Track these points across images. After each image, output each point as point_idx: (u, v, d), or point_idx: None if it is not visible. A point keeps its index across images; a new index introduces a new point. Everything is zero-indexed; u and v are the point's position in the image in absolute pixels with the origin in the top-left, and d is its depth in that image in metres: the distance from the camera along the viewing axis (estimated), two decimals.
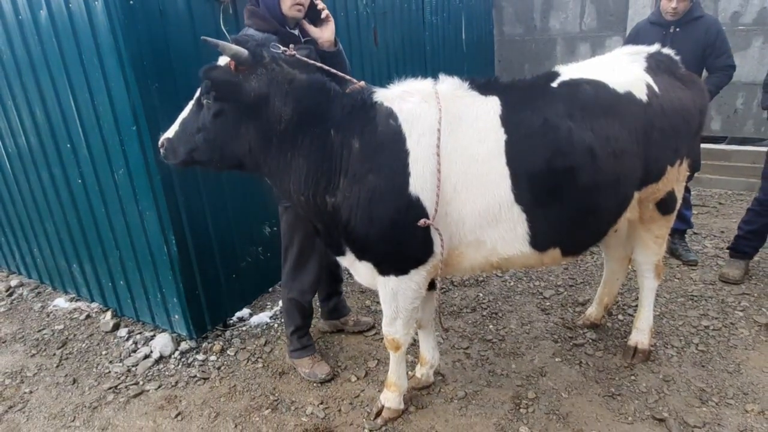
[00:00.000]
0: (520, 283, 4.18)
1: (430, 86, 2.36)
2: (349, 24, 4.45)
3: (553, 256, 2.54)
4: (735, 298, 3.78)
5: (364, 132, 2.25)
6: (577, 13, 7.03)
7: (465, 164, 2.25)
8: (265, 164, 2.35)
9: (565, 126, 2.30)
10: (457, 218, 2.32)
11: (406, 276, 2.42)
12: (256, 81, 2.17)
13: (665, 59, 2.73)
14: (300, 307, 3.14)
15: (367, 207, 2.24)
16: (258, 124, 2.23)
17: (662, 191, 2.71)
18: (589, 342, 3.39)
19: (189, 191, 3.25)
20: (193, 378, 3.28)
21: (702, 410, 2.78)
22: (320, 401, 3.01)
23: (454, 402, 2.94)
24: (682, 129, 2.60)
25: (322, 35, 2.76)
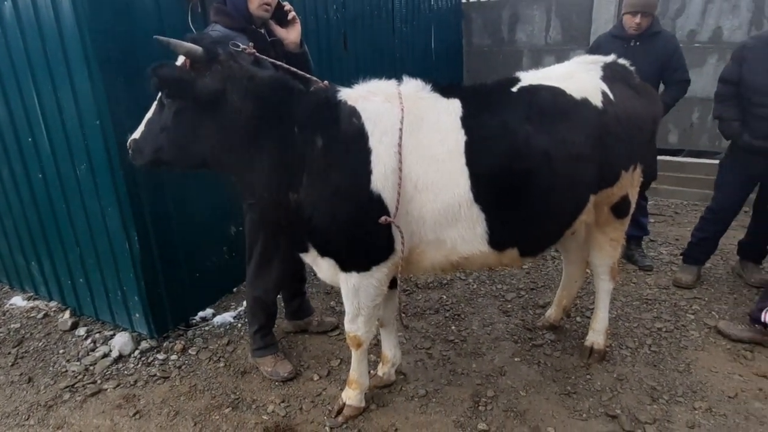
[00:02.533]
0: (483, 286, 4.26)
1: (393, 87, 2.42)
2: (319, 28, 4.50)
3: (512, 256, 2.61)
4: (687, 301, 3.93)
5: (328, 130, 2.28)
6: (542, 27, 7.25)
7: (426, 164, 2.31)
8: (228, 162, 2.36)
9: (523, 129, 2.38)
10: (418, 217, 2.37)
11: (368, 273, 2.46)
12: (210, 78, 2.18)
13: (620, 69, 2.85)
14: (264, 305, 3.14)
15: (329, 204, 2.27)
16: (218, 122, 2.25)
17: (617, 195, 2.82)
18: (547, 343, 3.48)
19: (153, 188, 3.22)
20: (152, 377, 3.23)
21: (653, 407, 2.88)
22: (282, 400, 3.01)
23: (415, 400, 2.98)
24: (635, 136, 2.72)
25: (288, 36, 2.80)
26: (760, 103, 3.56)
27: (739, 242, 4.24)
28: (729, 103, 3.75)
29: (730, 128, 3.74)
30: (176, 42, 2.16)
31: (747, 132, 3.65)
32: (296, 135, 2.29)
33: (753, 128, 3.62)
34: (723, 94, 3.79)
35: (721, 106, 3.81)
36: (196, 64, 2.19)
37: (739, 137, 3.69)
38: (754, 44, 3.61)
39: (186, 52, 2.17)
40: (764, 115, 3.54)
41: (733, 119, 3.72)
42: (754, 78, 3.55)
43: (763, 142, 3.57)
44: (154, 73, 2.16)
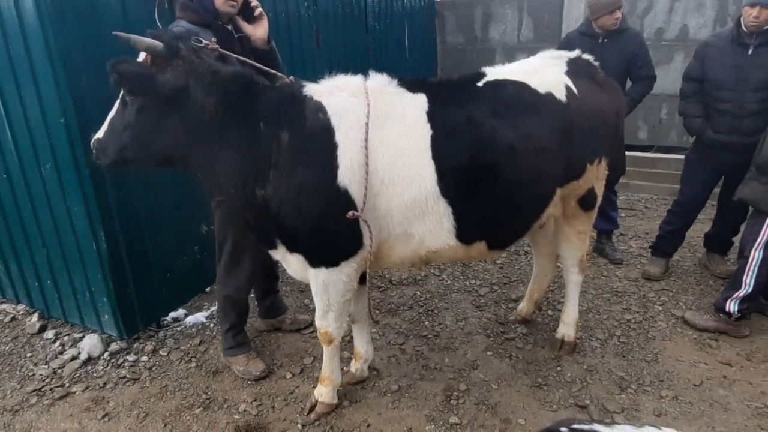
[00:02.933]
0: (456, 281, 4.29)
1: (359, 82, 2.42)
2: (290, 25, 4.48)
3: (480, 250, 2.64)
4: (655, 293, 4.02)
5: (294, 125, 2.28)
6: (515, 25, 7.33)
7: (392, 158, 2.32)
8: (194, 158, 2.34)
9: (489, 123, 2.40)
10: (386, 211, 2.38)
11: (337, 268, 2.46)
12: (172, 73, 2.15)
13: (585, 64, 2.91)
14: (235, 304, 3.11)
15: (297, 199, 2.27)
16: (181, 117, 2.22)
17: (583, 188, 2.87)
18: (519, 336, 3.52)
19: (120, 187, 3.17)
20: (122, 379, 3.18)
21: (621, 397, 2.94)
22: (254, 398, 2.99)
23: (388, 395, 2.99)
24: (599, 129, 2.77)
25: (255, 33, 2.78)
26: (722, 98, 3.66)
27: (706, 234, 4.34)
28: (692, 99, 3.85)
29: (694, 124, 3.84)
30: (136, 38, 2.13)
31: (710, 127, 3.75)
32: (262, 130, 2.28)
33: (716, 123, 3.72)
34: (686, 91, 3.89)
35: (685, 102, 3.90)
36: (157, 60, 2.17)
37: (703, 133, 3.79)
38: (715, 41, 3.71)
39: (146, 47, 2.15)
40: (726, 110, 3.64)
41: (696, 115, 3.82)
42: (716, 74, 3.64)
43: (726, 136, 3.67)
44: (113, 69, 2.13)
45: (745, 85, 3.54)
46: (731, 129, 3.63)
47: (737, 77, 3.55)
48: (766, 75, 3.46)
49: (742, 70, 3.53)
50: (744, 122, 3.55)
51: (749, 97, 3.53)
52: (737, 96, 3.57)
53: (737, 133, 3.60)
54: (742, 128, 3.56)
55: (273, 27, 4.26)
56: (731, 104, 3.60)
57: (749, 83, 3.52)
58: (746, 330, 3.42)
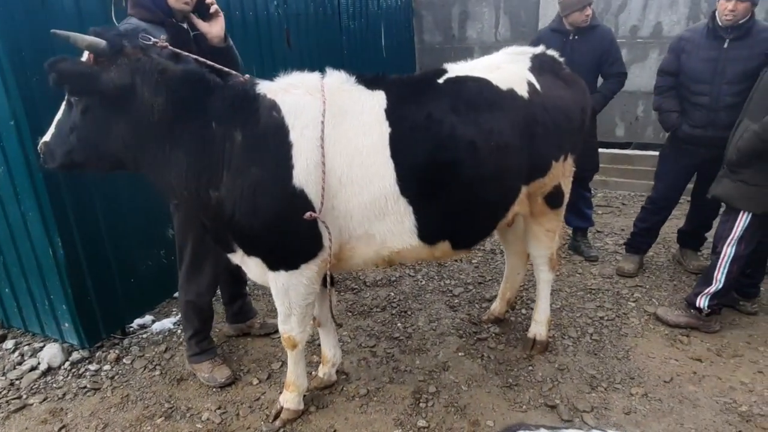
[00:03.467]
0: (431, 281, 4.24)
1: (316, 79, 2.36)
2: (259, 24, 4.39)
3: (444, 250, 2.59)
4: (629, 290, 4.00)
5: (247, 124, 2.21)
6: (492, 24, 7.31)
7: (350, 157, 2.26)
8: (144, 160, 2.26)
9: (449, 120, 2.35)
10: (345, 211, 2.32)
11: (297, 271, 2.40)
12: (116, 72, 2.08)
13: (549, 60, 2.87)
14: (198, 309, 3.03)
15: (251, 200, 2.20)
16: (129, 118, 2.15)
17: (549, 185, 2.83)
18: (492, 336, 3.48)
19: (77, 190, 3.07)
20: (82, 389, 3.08)
21: (591, 396, 2.91)
22: (218, 406, 2.91)
23: (356, 400, 2.92)
24: (564, 125, 2.73)
25: (210, 30, 2.71)
26: (698, 91, 3.65)
27: (679, 230, 4.34)
28: (668, 94, 3.84)
29: (670, 119, 3.83)
30: (76, 35, 2.06)
31: (686, 122, 3.75)
32: (214, 130, 2.21)
33: (692, 117, 3.71)
34: (662, 86, 3.88)
35: (660, 97, 3.89)
36: (100, 58, 2.09)
37: (679, 128, 3.78)
38: (691, 36, 3.71)
39: (87, 45, 2.07)
40: (703, 104, 3.64)
41: (672, 110, 3.81)
42: (692, 67, 3.64)
43: (702, 131, 3.66)
44: (52, 67, 2.04)
45: (721, 79, 3.53)
46: (707, 123, 3.61)
47: (713, 70, 3.55)
48: (741, 68, 3.46)
49: (718, 64, 3.53)
50: (720, 116, 3.55)
51: (725, 89, 3.53)
52: (713, 89, 3.57)
53: (713, 127, 3.59)
54: (718, 122, 3.56)
55: (241, 26, 4.23)
56: (707, 98, 3.60)
57: (725, 76, 3.52)
58: (717, 325, 3.41)
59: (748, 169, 3.09)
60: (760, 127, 2.94)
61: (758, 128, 2.95)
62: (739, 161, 3.09)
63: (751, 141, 3.00)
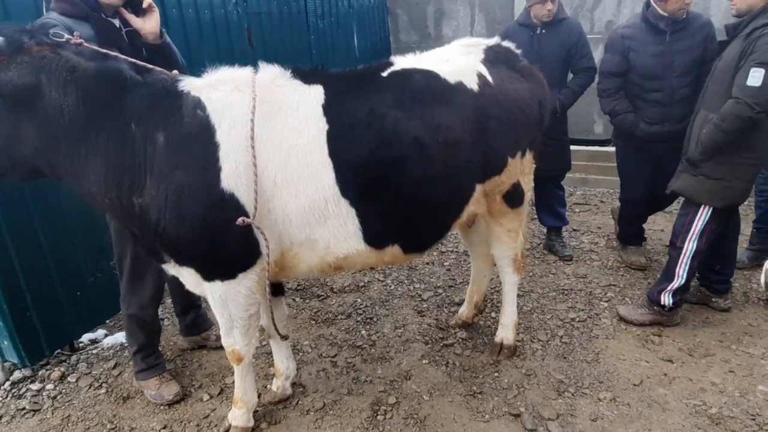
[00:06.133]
0: (400, 286, 4.09)
1: (247, 74, 2.21)
2: (216, 23, 4.23)
3: (394, 254, 2.45)
4: (602, 289, 3.87)
5: (169, 124, 2.06)
6: (467, 22, 7.19)
7: (284, 157, 2.12)
8: (60, 166, 2.10)
9: (392, 115, 2.22)
10: (282, 215, 2.17)
11: (234, 281, 2.24)
12: (16, 70, 1.92)
13: (503, 51, 2.73)
14: (141, 323, 2.86)
15: (177, 206, 2.04)
16: (37, 120, 1.99)
17: (507, 183, 2.68)
18: (459, 341, 3.33)
19: (8, 197, 2.88)
20: (20, 411, 2.90)
21: (557, 402, 2.77)
22: (163, 425, 2.74)
23: (310, 414, 2.77)
24: (520, 120, 2.59)
25: (144, 26, 2.55)
26: (651, 88, 3.61)
27: None
28: (618, 95, 3.77)
29: (627, 119, 3.74)
30: None
31: (642, 120, 3.68)
32: (133, 131, 2.05)
33: (647, 115, 3.65)
34: (610, 88, 3.78)
35: (611, 100, 3.79)
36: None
37: (636, 127, 3.69)
38: (632, 33, 3.64)
39: None
40: (657, 99, 3.59)
41: (628, 111, 3.73)
42: (643, 64, 3.58)
43: (659, 126, 3.62)
44: None
45: (671, 72, 3.52)
46: (663, 118, 3.59)
47: (663, 65, 3.53)
48: (688, 58, 3.47)
49: (665, 57, 3.51)
50: (674, 109, 3.55)
51: (677, 82, 3.52)
52: (666, 84, 3.55)
53: (669, 121, 3.59)
54: (674, 115, 3.56)
55: (195, 27, 4.07)
56: (661, 93, 3.57)
57: (675, 69, 3.52)
58: (678, 318, 3.36)
59: (710, 163, 3.00)
60: (719, 118, 2.85)
61: (717, 119, 2.86)
62: (704, 155, 2.98)
63: (712, 134, 2.90)
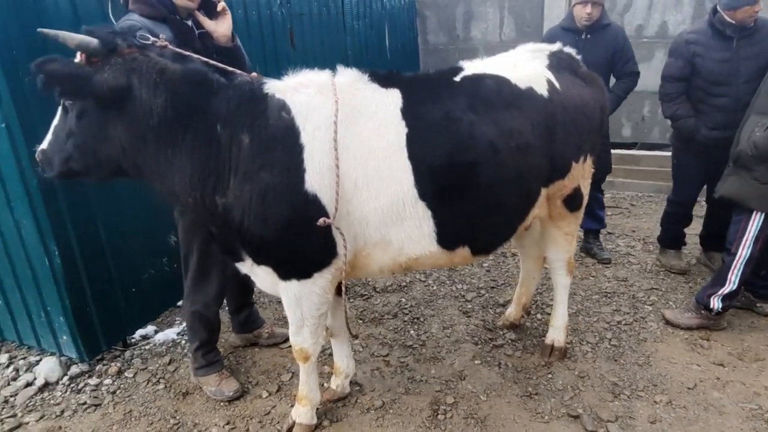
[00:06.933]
0: (443, 286, 4.12)
1: (327, 78, 2.24)
2: (262, 23, 4.27)
3: (463, 256, 2.48)
4: (645, 293, 3.89)
5: (255, 126, 2.09)
6: (496, 24, 7.22)
7: (365, 159, 2.15)
8: (145, 166, 2.14)
9: (467, 119, 2.24)
10: (360, 217, 2.20)
11: (310, 280, 2.27)
12: (110, 72, 1.95)
13: (566, 57, 2.76)
14: (205, 320, 2.90)
15: (261, 206, 2.08)
16: (126, 121, 2.02)
17: (569, 187, 2.72)
18: (508, 342, 3.36)
19: (74, 196, 2.92)
20: (82, 405, 2.94)
21: (614, 404, 2.79)
22: (226, 421, 2.78)
23: (371, 412, 2.80)
24: (584, 125, 2.62)
25: (217, 29, 2.59)
26: (717, 93, 3.61)
27: (700, 236, 4.27)
28: (680, 100, 3.78)
29: (688, 124, 3.75)
30: (65, 34, 1.95)
31: (704, 125, 3.68)
32: (219, 133, 2.09)
33: (711, 120, 3.65)
34: (672, 93, 3.79)
35: (673, 104, 3.81)
36: (93, 59, 1.97)
37: (697, 131, 3.70)
38: (697, 38, 3.64)
39: (77, 44, 1.95)
40: (722, 105, 3.59)
41: (690, 115, 3.75)
42: (710, 70, 3.58)
43: (721, 132, 3.59)
44: (40, 68, 1.92)
45: (737, 78, 3.51)
46: (727, 124, 3.54)
47: (729, 71, 3.52)
48: (755, 65, 3.45)
49: (732, 63, 3.50)
50: (739, 116, 3.47)
51: (743, 89, 3.48)
52: (732, 90, 3.54)
53: (731, 126, 3.51)
54: (736, 121, 3.48)
55: (243, 27, 4.11)
56: (727, 99, 3.56)
57: (741, 75, 3.50)
58: (724, 322, 3.38)
59: (762, 167, 3.00)
60: None
61: None
62: (758, 157, 3.00)
63: None
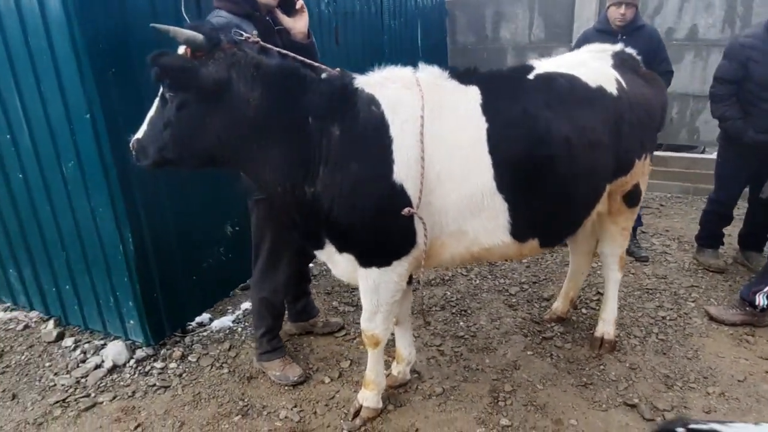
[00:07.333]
0: (485, 281, 4.21)
1: (410, 74, 2.34)
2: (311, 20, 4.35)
3: (532, 247, 2.57)
4: (686, 290, 3.98)
5: (345, 119, 2.18)
6: (526, 25, 7.29)
7: (448, 152, 2.24)
8: (238, 156, 2.23)
9: (544, 116, 2.33)
10: (440, 207, 2.29)
11: (389, 268, 2.37)
12: (214, 66, 2.05)
13: (629, 58, 2.86)
14: (272, 307, 3.00)
15: (350, 196, 2.17)
16: (224, 113, 2.12)
17: (630, 184, 2.81)
18: (557, 335, 3.45)
19: (148, 185, 3.03)
20: (152, 387, 3.04)
21: (668, 395, 2.88)
22: (294, 404, 2.88)
23: (433, 398, 2.89)
24: (646, 124, 2.72)
25: (295, 26, 2.69)
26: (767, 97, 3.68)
27: (740, 234, 4.36)
28: (729, 102, 3.86)
29: (735, 126, 3.84)
30: (176, 29, 2.04)
31: (751, 128, 3.76)
32: (310, 125, 2.18)
33: (760, 123, 3.74)
34: (723, 94, 3.88)
35: (722, 105, 3.89)
36: (197, 53, 2.07)
37: (745, 134, 3.79)
38: (753, 42, 3.71)
39: (186, 39, 2.04)
40: None
41: (738, 117, 3.83)
42: (763, 74, 3.65)
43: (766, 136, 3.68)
44: (155, 61, 2.02)
45: None
46: None
47: None
48: None
49: None
50: None
51: None
52: None
53: None
54: None
55: None
56: None
57: None
58: None
59: None
60: None
61: None
62: None
63: None
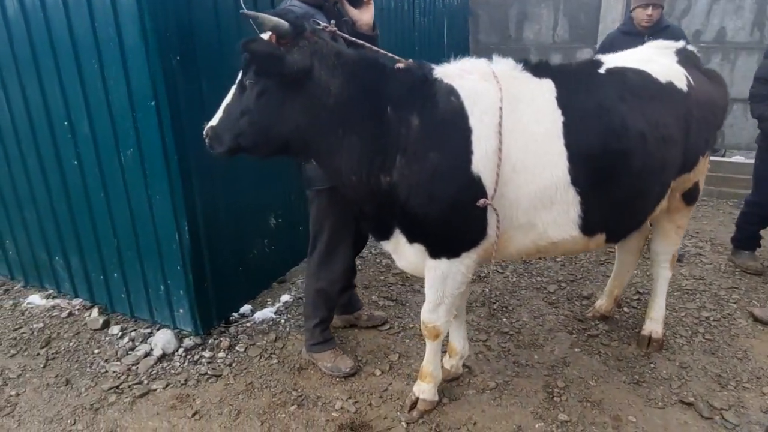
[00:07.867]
0: (522, 278, 4.21)
1: (486, 65, 2.35)
2: None
3: (598, 242, 2.57)
4: (726, 291, 3.98)
5: (425, 109, 2.19)
6: (550, 25, 7.30)
7: (524, 144, 2.24)
8: (314, 143, 2.24)
9: (619, 110, 2.34)
10: (513, 199, 2.29)
11: (458, 259, 2.37)
12: (298, 53, 2.07)
13: (691, 55, 2.87)
14: (327, 298, 3.00)
15: (428, 186, 2.17)
16: (304, 100, 2.13)
17: (691, 181, 2.82)
18: (603, 333, 3.45)
19: (204, 175, 3.04)
20: (203, 375, 3.04)
21: (723, 394, 2.88)
22: (348, 396, 2.87)
23: (487, 392, 2.89)
24: (711, 121, 2.73)
25: (361, 17, 2.70)
26: None
27: None
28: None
29: None
30: (264, 15, 2.04)
31: None
32: (389, 114, 2.19)
33: None
34: (763, 94, 3.91)
35: (762, 105, 3.93)
36: (282, 40, 2.07)
37: None
38: None
39: (273, 26, 2.05)
40: None
41: None
42: None
43: None
44: (246, 47, 2.03)
45: None
46: None
47: None
48: None
49: None
50: None
51: None
52: None
53: None
54: None
55: None
56: None
57: None
58: None
59: None
60: None
61: None
62: None
63: None
